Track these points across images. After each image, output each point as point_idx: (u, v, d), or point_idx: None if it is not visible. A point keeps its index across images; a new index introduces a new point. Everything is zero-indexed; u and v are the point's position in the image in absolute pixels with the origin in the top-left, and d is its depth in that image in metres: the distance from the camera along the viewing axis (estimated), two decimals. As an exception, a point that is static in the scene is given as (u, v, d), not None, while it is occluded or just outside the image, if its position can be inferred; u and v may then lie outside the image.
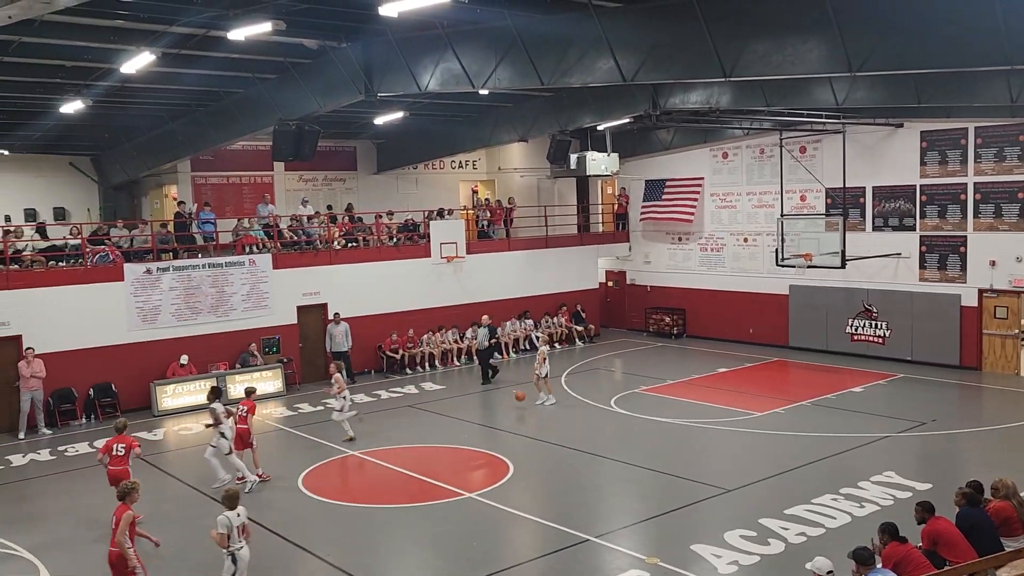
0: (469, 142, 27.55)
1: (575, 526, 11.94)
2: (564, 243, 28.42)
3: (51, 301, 19.03)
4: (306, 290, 22.71)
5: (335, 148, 28.54)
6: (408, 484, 14.26)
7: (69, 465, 16.04)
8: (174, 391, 20.08)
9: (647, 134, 27.86)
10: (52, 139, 24.36)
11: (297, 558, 11.36)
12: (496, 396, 20.78)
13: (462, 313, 25.35)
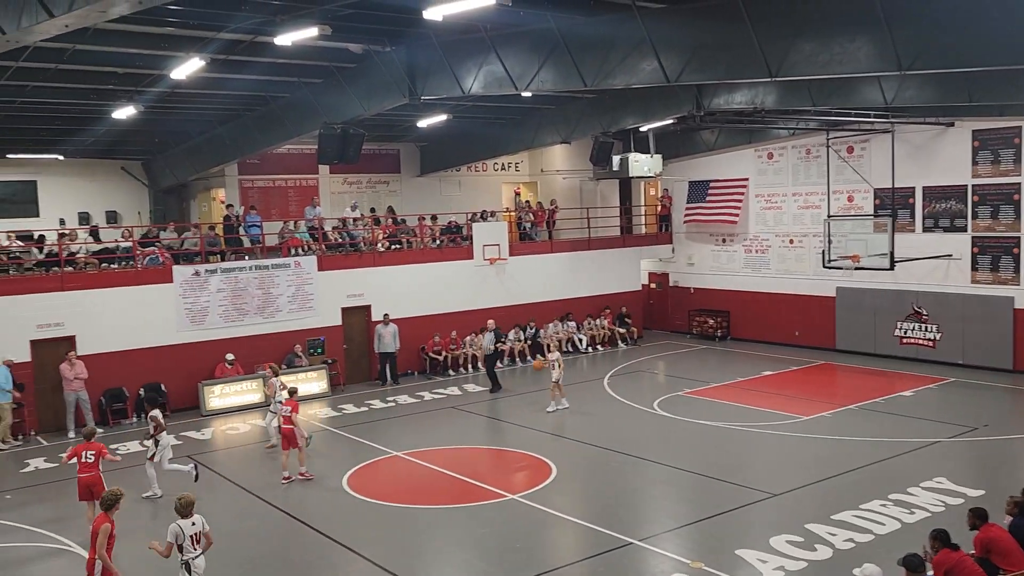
0: (512, 144, 27.60)
1: (618, 529, 11.90)
2: (607, 245, 28.33)
3: (103, 302, 19.45)
4: (350, 292, 22.93)
5: (379, 151, 28.79)
6: (451, 485, 14.32)
7: (119, 463, 16.34)
8: (221, 391, 20.40)
9: (690, 135, 27.67)
10: (105, 144, 24.92)
11: (343, 557, 11.47)
12: (539, 398, 20.77)
13: (505, 315, 25.37)
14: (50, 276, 19.43)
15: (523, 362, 25.08)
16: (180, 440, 17.82)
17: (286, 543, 12.04)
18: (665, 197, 30.05)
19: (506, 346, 23.13)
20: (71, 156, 25.76)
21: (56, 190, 26.26)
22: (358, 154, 20.47)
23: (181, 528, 9.24)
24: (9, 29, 10.62)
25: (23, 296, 18.62)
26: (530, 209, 28.81)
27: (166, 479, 14.19)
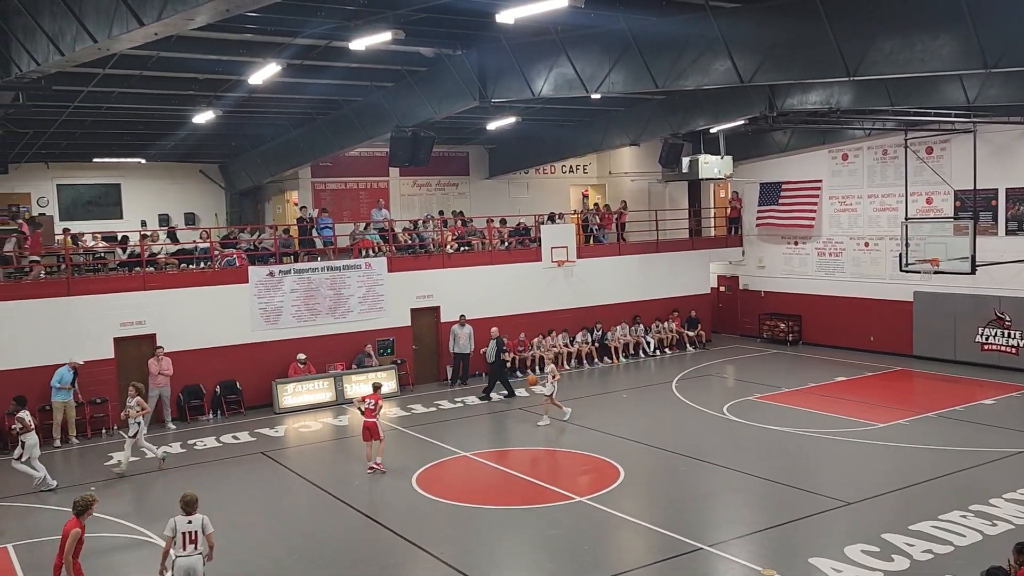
0: (580, 147, 27.58)
1: (687, 534, 11.78)
2: (675, 248, 28.06)
3: (182, 302, 20.04)
4: (419, 293, 23.18)
5: (448, 154, 29.05)
6: (519, 486, 14.37)
7: (198, 458, 16.86)
8: (294, 389, 20.83)
9: (762, 136, 27.24)
10: (185, 148, 25.69)
11: (412, 555, 11.60)
12: (607, 400, 20.71)
13: (572, 317, 25.38)
14: (133, 276, 20.11)
15: (590, 364, 25.03)
16: (254, 436, 18.28)
17: (356, 540, 12.24)
18: (735, 199, 29.64)
19: (507, 355, 22.60)
20: (153, 160, 26.61)
21: (138, 193, 27.18)
22: (428, 157, 20.69)
23: (176, 524, 9.30)
24: (100, 37, 11.03)
25: (107, 295, 19.30)
26: (597, 211, 28.73)
27: (189, 473, 14.53)
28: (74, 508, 9.53)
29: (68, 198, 26.48)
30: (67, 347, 18.52)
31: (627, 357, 25.88)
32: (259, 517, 13.22)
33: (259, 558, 11.46)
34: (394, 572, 11.04)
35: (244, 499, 14.13)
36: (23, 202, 25.66)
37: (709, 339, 27.85)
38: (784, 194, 27.77)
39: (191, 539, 9.26)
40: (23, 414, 15.07)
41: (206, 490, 14.72)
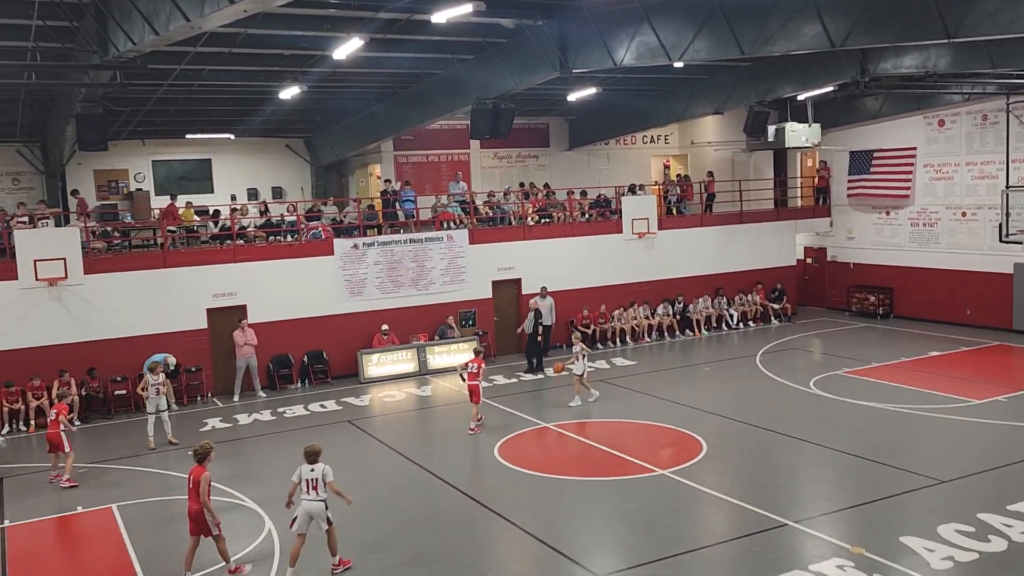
0: (662, 116, 27.12)
1: (772, 509, 11.62)
2: (760, 219, 27.48)
3: (270, 274, 20.60)
4: (501, 265, 23.30)
5: (528, 125, 28.96)
6: (600, 458, 14.38)
7: (287, 426, 17.37)
8: (378, 360, 21.23)
9: (852, 102, 26.31)
10: (271, 124, 26.23)
11: (494, 523, 11.76)
12: (689, 374, 20.52)
13: (653, 289, 25.15)
14: (224, 248, 20.75)
15: (671, 337, 24.80)
16: (340, 405, 18.73)
17: (439, 507, 12.46)
18: (823, 168, 28.78)
19: (539, 328, 21.81)
20: (241, 135, 27.25)
21: (228, 167, 27.92)
22: (509, 129, 20.63)
23: (301, 472, 10.11)
24: (193, 16, 11.33)
25: (200, 267, 19.98)
26: (679, 182, 28.28)
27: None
28: (195, 456, 10.28)
29: (162, 173, 27.39)
30: (164, 317, 19.30)
31: (709, 330, 25.54)
32: (345, 483, 13.44)
33: (346, 522, 11.76)
34: (475, 539, 11.21)
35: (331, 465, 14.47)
36: (121, 178, 26.68)
37: (795, 312, 27.26)
38: (876, 163, 26.84)
39: (312, 486, 10.02)
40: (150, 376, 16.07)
41: (294, 456, 15.22)
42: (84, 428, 17.84)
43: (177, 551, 11.16)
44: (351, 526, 11.65)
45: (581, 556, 10.45)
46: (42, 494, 13.80)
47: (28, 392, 17.89)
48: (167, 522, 12.36)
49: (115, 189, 26.11)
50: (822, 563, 9.90)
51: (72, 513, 12.84)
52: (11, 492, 13.93)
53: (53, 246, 18.27)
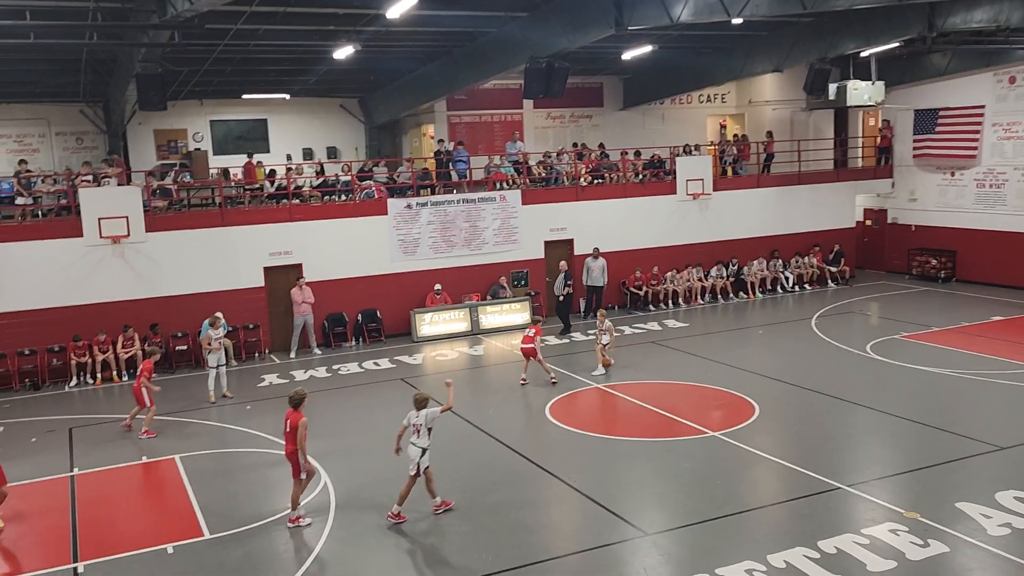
0: (719, 75, 26.59)
1: (825, 473, 11.54)
2: (819, 179, 26.93)
3: (325, 233, 20.85)
4: (553, 226, 23.25)
5: (582, 85, 28.64)
6: (651, 419, 14.39)
7: (342, 383, 17.69)
8: (431, 319, 21.43)
9: (918, 59, 25.49)
10: (326, 84, 26.35)
11: (545, 482, 11.88)
12: (742, 336, 20.34)
13: (707, 251, 24.90)
14: (280, 208, 21.04)
15: (725, 299, 24.57)
16: (393, 363, 19.00)
17: (491, 464, 12.61)
18: (886, 127, 28.01)
19: (566, 290, 21.39)
20: (296, 95, 27.44)
21: (283, 127, 28.18)
22: (563, 88, 20.44)
23: (408, 418, 10.63)
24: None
25: (257, 226, 20.31)
26: (735, 142, 27.78)
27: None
28: (291, 402, 10.74)
29: (220, 133, 27.77)
30: (223, 275, 19.72)
31: (764, 292, 25.24)
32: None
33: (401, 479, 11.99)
34: (526, 496, 11.34)
35: (386, 423, 14.73)
36: (180, 137, 27.12)
37: (852, 275, 26.77)
38: (942, 121, 26.02)
39: (416, 430, 10.51)
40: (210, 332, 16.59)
41: (349, 412, 15.54)
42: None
43: (236, 501, 11.53)
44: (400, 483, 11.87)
45: (630, 514, 10.52)
46: (109, 444, 14.31)
47: (94, 346, 18.49)
48: (226, 473, 12.73)
49: (174, 148, 26.58)
50: (875, 527, 9.83)
51: (137, 463, 13.31)
52: (80, 442, 14.48)
53: (116, 204, 18.74)
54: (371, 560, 9.73)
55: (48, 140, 25.36)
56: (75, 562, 9.95)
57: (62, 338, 18.50)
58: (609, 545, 9.79)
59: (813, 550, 9.32)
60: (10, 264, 18.30)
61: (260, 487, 12.15)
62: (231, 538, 10.39)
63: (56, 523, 11.08)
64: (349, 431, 14.51)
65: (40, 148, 25.16)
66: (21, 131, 25.04)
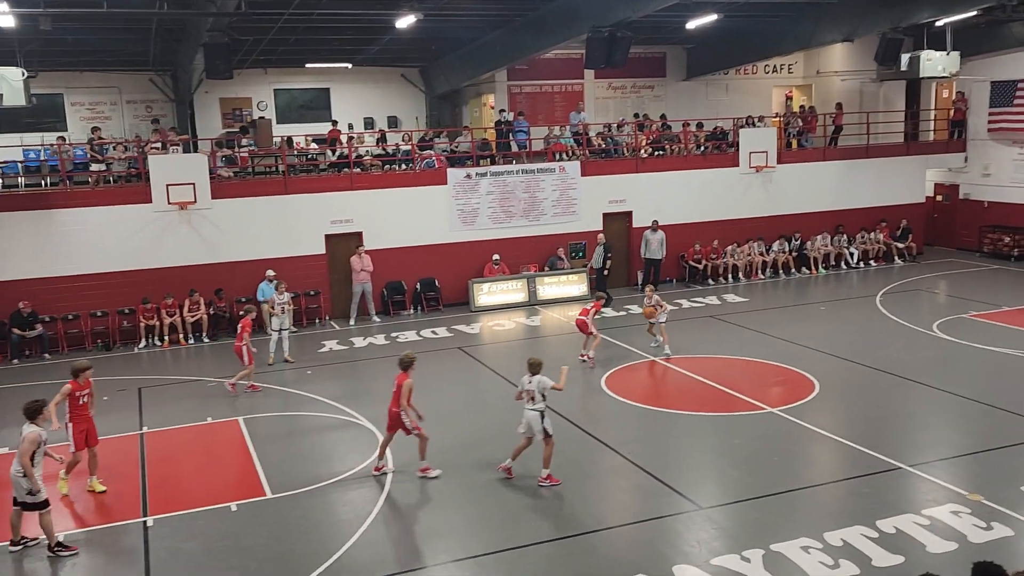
0: (786, 44, 25.93)
1: (885, 452, 11.35)
2: (887, 153, 26.21)
3: (385, 202, 21.05)
4: (612, 198, 23.09)
5: (645, 55, 28.24)
6: (707, 393, 14.30)
7: (400, 350, 17.80)
8: (489, 289, 21.54)
9: (997, 28, 24.50)
10: (388, 53, 26.42)
11: (599, 452, 11.92)
12: (804, 312, 20.02)
13: (769, 225, 24.50)
14: (341, 176, 21.28)
15: (787, 274, 24.18)
16: (451, 332, 19.17)
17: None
18: (960, 100, 27.07)
19: (607, 263, 21.13)
20: (359, 65, 27.59)
21: (345, 97, 28.38)
22: (625, 58, 20.17)
23: (523, 382, 10.69)
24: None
25: (319, 194, 20.59)
26: (801, 114, 27.16)
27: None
28: (401, 364, 11.01)
29: (283, 102, 28.10)
30: (286, 242, 20.07)
31: (827, 268, 24.77)
32: (456, 407, 13.98)
33: (457, 445, 12.18)
34: (581, 467, 11.39)
35: (443, 390, 14.95)
36: (245, 106, 27.53)
37: (920, 252, 26.10)
38: (1020, 94, 25.04)
39: (531, 396, 10.61)
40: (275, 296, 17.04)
41: (408, 379, 15.72)
42: (211, 345, 18.93)
43: (297, 462, 11.82)
44: (461, 450, 12.04)
45: (685, 488, 10.51)
46: (176, 403, 14.77)
47: (162, 310, 19.02)
48: (288, 436, 13.05)
49: (239, 117, 26.98)
50: (936, 508, 9.65)
51: (203, 423, 13.71)
52: (148, 401, 14.96)
53: (183, 171, 19.16)
54: (425, 523, 9.90)
55: (119, 108, 25.97)
56: (144, 516, 10.33)
57: (131, 301, 19.10)
58: (662, 517, 9.80)
59: (871, 529, 9.20)
60: (84, 229, 18.90)
61: (320, 450, 12.43)
62: (291, 498, 10.67)
63: (127, 479, 11.50)
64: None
65: (112, 116, 25.78)
66: (94, 99, 25.68)
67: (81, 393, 10.91)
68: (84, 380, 10.97)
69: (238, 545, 9.49)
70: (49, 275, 18.74)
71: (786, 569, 8.49)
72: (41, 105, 23.35)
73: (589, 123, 24.65)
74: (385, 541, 9.51)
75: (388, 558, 9.09)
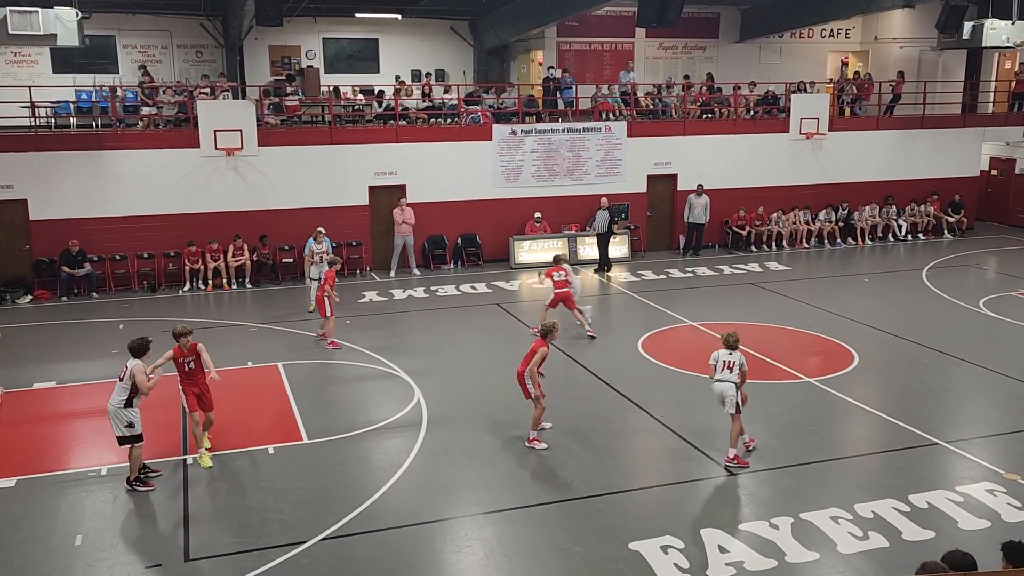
0: (845, 8, 25.26)
1: (922, 427, 11.23)
2: (943, 124, 25.52)
3: (429, 155, 21.05)
4: (657, 160, 22.85)
5: (697, 15, 27.71)
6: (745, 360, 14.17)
7: (439, 304, 18.06)
8: (529, 247, 21.53)
9: (1068, -3, 23.59)
10: (438, 4, 26.22)
11: (633, 413, 11.95)
12: (847, 283, 19.75)
13: (817, 193, 24.10)
14: (387, 128, 21.29)
15: (832, 244, 23.82)
16: (490, 288, 19.25)
17: (581, 393, 12.74)
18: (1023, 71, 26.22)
19: (617, 225, 21.03)
20: (408, 16, 27.43)
21: (394, 48, 28.26)
22: (678, 16, 19.79)
23: (717, 354, 10.43)
24: None
25: (363, 145, 20.65)
26: (860, 81, 26.51)
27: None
28: (541, 333, 10.82)
29: (332, 51, 28.08)
30: (330, 192, 20.21)
31: (874, 240, 24.36)
32: (492, 364, 14.06)
33: (492, 400, 12.30)
34: (614, 429, 11.45)
35: (480, 346, 15.06)
36: (294, 54, 27.56)
37: (971, 226, 25.54)
38: (1086, 67, 24.19)
39: (728, 366, 10.29)
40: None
41: (445, 332, 15.88)
42: (254, 291, 19.24)
43: (333, 411, 12.02)
44: (496, 406, 12.14)
45: (717, 453, 10.52)
46: (218, 347, 14.99)
47: (207, 254, 19.33)
48: (326, 383, 13.28)
49: (287, 65, 27.04)
50: (970, 485, 9.56)
51: (243, 367, 13.98)
52: (191, 343, 15.25)
53: (231, 118, 19.31)
54: (458, 475, 10.04)
55: (170, 52, 26.15)
56: (184, 455, 10.62)
57: (177, 244, 19.42)
58: (694, 481, 9.84)
59: (903, 503, 9.16)
60: (133, 171, 19.19)
61: (356, 398, 12.64)
62: (327, 444, 10.88)
63: (168, 418, 11.80)
64: (445, 352, 14.86)
65: (162, 60, 25.99)
66: (145, 42, 25.87)
67: (185, 360, 10.37)
68: (187, 346, 10.36)
69: (274, 486, 9.72)
70: (98, 215, 19.11)
71: (814, 538, 8.50)
72: (94, 46, 23.64)
73: (637, 83, 24.31)
74: (418, 490, 9.67)
75: (420, 506, 9.25)
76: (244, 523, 8.92)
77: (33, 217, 18.86)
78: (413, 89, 24.03)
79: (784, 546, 8.36)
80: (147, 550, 8.46)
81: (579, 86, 23.98)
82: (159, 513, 9.21)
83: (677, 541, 8.44)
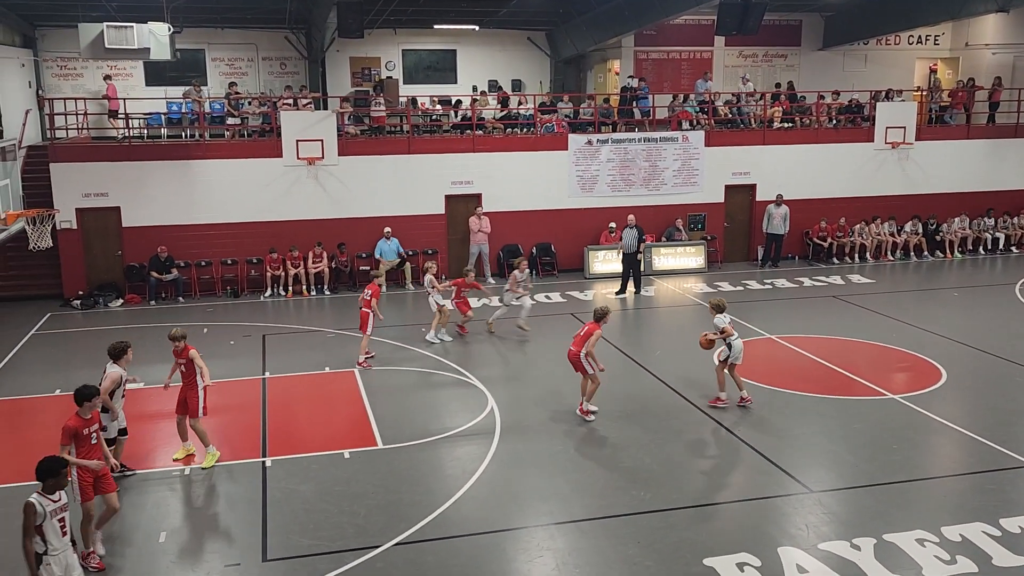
0: (933, 13, 24.48)
1: (1015, 448, 10.75)
2: (1039, 133, 24.50)
3: (505, 165, 21.15)
4: (736, 170, 22.51)
5: (779, 22, 27.25)
6: (825, 375, 13.85)
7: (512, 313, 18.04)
8: (604, 257, 21.41)
9: None
10: (516, 16, 26.38)
11: (703, 424, 11.74)
12: (935, 297, 19.08)
13: (902, 205, 23.39)
14: (464, 138, 21.49)
15: (919, 257, 23.06)
16: (565, 298, 19.20)
17: (650, 404, 12.57)
18: None
19: (641, 246, 19.46)
20: (486, 27, 27.67)
21: (471, 59, 28.55)
22: (758, 24, 19.52)
23: (725, 316, 11.81)
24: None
25: (440, 155, 20.88)
26: (952, 89, 25.62)
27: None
28: (595, 315, 12.03)
29: (411, 62, 28.52)
30: (407, 201, 20.49)
31: (963, 253, 23.50)
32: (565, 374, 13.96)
33: (567, 411, 12.26)
34: (689, 439, 11.28)
35: (553, 355, 14.98)
36: (374, 65, 28.08)
37: (1069, 240, 24.41)
38: None
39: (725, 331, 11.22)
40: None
41: (519, 343, 15.88)
42: (332, 298, 19.60)
43: (407, 417, 12.13)
44: (569, 415, 12.09)
45: (796, 470, 10.26)
46: (296, 352, 15.38)
47: (287, 261, 19.79)
48: (401, 390, 13.40)
49: (368, 76, 27.55)
50: (1068, 512, 9.11)
51: (321, 372, 14.24)
52: (271, 348, 15.64)
53: (313, 128, 19.76)
54: (530, 484, 10.01)
55: (255, 64, 26.93)
56: (263, 456, 10.85)
57: (259, 251, 19.94)
58: (770, 498, 9.60)
59: (994, 527, 8.77)
60: (219, 180, 19.79)
61: (431, 406, 12.72)
62: (402, 450, 10.98)
63: (249, 420, 12.09)
64: (518, 360, 14.88)
65: (248, 72, 26.77)
66: (232, 55, 26.71)
67: (178, 363, 10.51)
68: (180, 351, 10.40)
69: (349, 491, 9.85)
70: (185, 223, 19.76)
71: (898, 560, 8.20)
72: (184, 60, 24.50)
73: (716, 91, 24.00)
74: (490, 498, 9.68)
75: (492, 515, 9.26)
76: (320, 525, 9.06)
77: (125, 224, 19.61)
78: (489, 100, 24.20)
79: (866, 567, 8.10)
80: (226, 549, 8.67)
81: (655, 95, 23.78)
82: (238, 513, 9.43)
83: (754, 559, 8.25)
